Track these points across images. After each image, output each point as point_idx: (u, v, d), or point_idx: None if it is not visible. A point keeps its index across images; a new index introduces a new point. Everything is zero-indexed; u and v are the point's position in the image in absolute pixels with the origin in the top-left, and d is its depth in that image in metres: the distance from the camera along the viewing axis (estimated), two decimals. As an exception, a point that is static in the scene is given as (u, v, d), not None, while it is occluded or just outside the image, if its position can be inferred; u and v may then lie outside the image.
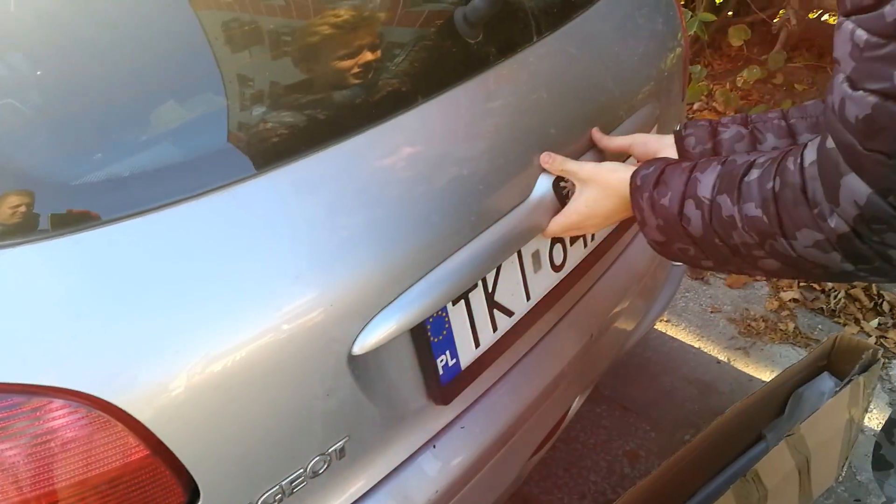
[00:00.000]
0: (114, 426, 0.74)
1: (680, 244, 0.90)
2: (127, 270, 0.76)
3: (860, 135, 0.65)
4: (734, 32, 3.24)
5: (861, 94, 0.63)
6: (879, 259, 0.71)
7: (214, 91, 0.91)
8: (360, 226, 0.90)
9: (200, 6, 0.94)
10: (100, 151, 0.81)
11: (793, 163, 0.76)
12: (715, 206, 0.84)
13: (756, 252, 0.82)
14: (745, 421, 1.76)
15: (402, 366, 1.00)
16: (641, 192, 0.94)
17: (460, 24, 1.07)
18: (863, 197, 0.67)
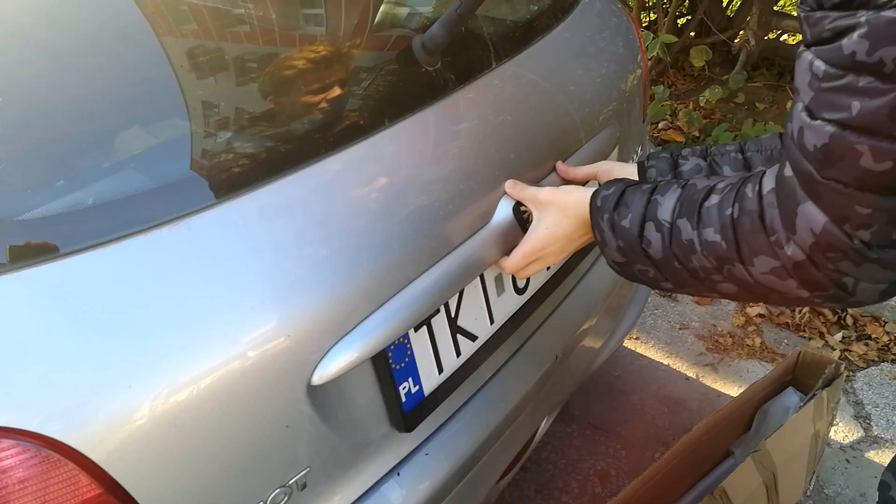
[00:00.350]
0: (65, 465, 0.73)
1: (640, 266, 0.91)
2: (77, 305, 0.75)
3: (818, 163, 0.66)
4: (696, 53, 3.30)
5: (819, 124, 0.64)
6: (834, 287, 0.72)
7: (172, 120, 0.90)
8: (318, 254, 0.90)
9: (159, 33, 0.94)
10: (55, 183, 0.80)
11: (751, 190, 0.77)
12: (675, 229, 0.84)
13: (714, 276, 0.82)
14: (713, 438, 1.77)
15: (364, 394, 1.00)
16: (602, 213, 0.94)
17: (419, 52, 1.07)
18: (819, 225, 0.68)
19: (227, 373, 0.81)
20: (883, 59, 0.57)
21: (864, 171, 0.62)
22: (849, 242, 0.67)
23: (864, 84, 0.59)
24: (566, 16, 1.42)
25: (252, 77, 0.99)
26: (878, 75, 0.58)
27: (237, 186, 0.87)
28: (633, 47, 1.59)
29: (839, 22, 0.60)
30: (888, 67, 0.57)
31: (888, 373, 2.35)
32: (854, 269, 0.69)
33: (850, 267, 0.69)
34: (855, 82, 0.60)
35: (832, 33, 0.61)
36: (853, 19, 0.58)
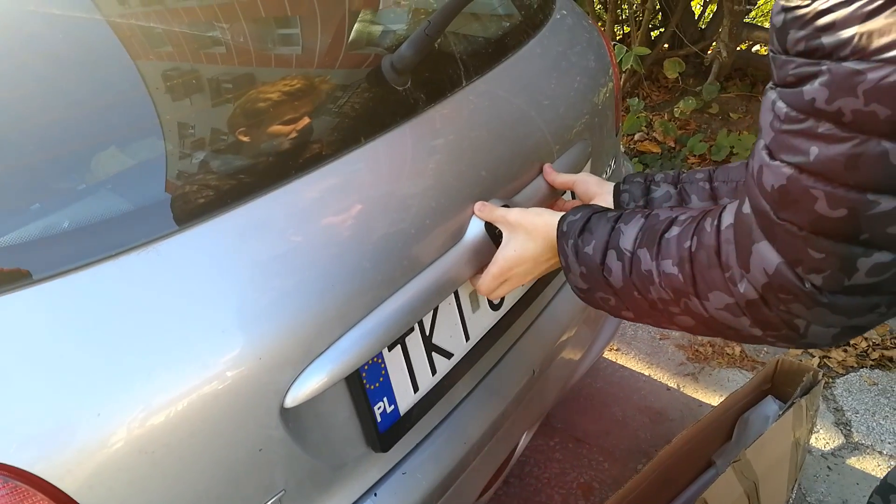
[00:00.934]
0: (34, 496, 0.72)
1: (601, 293, 0.91)
2: (43, 333, 0.75)
3: (774, 203, 0.66)
4: (669, 65, 3.34)
5: (778, 164, 0.64)
6: (786, 327, 0.72)
7: (140, 145, 0.90)
8: (289, 276, 0.89)
9: (133, 56, 0.94)
10: (23, 209, 0.79)
11: (710, 224, 0.77)
12: (635, 258, 0.84)
13: (672, 308, 0.82)
14: (694, 448, 1.77)
15: (338, 415, 0.99)
16: (567, 238, 0.95)
17: (388, 72, 1.08)
18: (772, 266, 0.68)
19: (198, 397, 0.81)
20: (842, 109, 0.58)
21: (818, 215, 0.62)
22: (800, 286, 0.67)
23: (823, 130, 0.60)
24: (536, 32, 1.43)
25: (219, 101, 0.99)
26: (836, 123, 0.59)
27: (207, 210, 0.87)
28: (604, 62, 1.61)
29: (803, 69, 0.60)
30: (846, 117, 0.58)
31: (867, 378, 2.36)
32: (805, 311, 0.68)
33: (801, 309, 0.69)
34: (815, 128, 0.60)
35: (795, 78, 0.61)
36: (816, 67, 0.59)
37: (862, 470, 2.04)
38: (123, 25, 0.97)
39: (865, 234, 0.61)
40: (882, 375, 2.37)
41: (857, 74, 0.55)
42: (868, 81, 0.55)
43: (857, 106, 0.56)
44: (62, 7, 0.94)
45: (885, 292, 0.65)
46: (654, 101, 3.78)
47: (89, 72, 0.92)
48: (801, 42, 0.59)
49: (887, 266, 0.62)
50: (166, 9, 1.04)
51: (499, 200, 1.15)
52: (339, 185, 0.99)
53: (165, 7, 1.04)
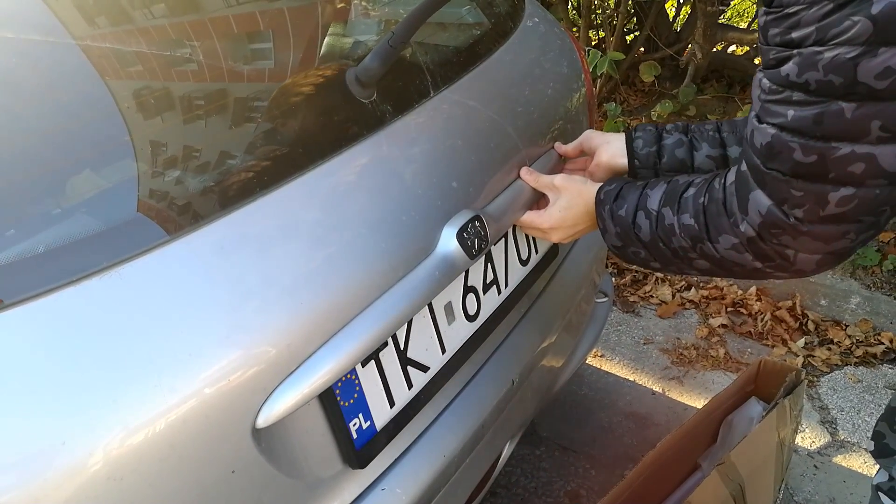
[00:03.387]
0: (-2, 529, 0.70)
1: (633, 248, 1.09)
2: (3, 359, 0.73)
3: (763, 157, 0.85)
4: (645, 69, 3.35)
5: (764, 127, 0.83)
6: (779, 258, 0.90)
7: (98, 170, 0.89)
8: (255, 295, 0.88)
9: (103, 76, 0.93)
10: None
11: (718, 182, 0.95)
12: (660, 216, 1.03)
13: (691, 254, 1.00)
14: (679, 452, 1.77)
15: (313, 434, 0.98)
16: (604, 204, 1.12)
17: (353, 85, 1.07)
18: (764, 207, 0.87)
19: (166, 422, 0.79)
20: (808, 80, 0.77)
21: (796, 162, 0.81)
22: (786, 220, 0.85)
23: (796, 98, 0.79)
24: (506, 39, 1.43)
25: (186, 118, 0.98)
26: (805, 91, 0.78)
27: (169, 232, 0.86)
28: (576, 67, 1.61)
29: (781, 54, 0.79)
30: (812, 86, 0.77)
31: (852, 376, 2.37)
32: (792, 241, 0.87)
33: (789, 240, 0.87)
34: (790, 97, 0.79)
35: (775, 62, 0.80)
36: (789, 52, 0.78)
37: (849, 468, 2.05)
38: (94, 48, 0.96)
39: (832, 173, 0.80)
40: (866, 372, 2.38)
41: (817, 55, 0.75)
42: (825, 59, 0.74)
43: (818, 77, 0.76)
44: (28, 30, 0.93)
45: (852, 220, 0.83)
46: (632, 105, 3.79)
47: (54, 94, 0.91)
48: (778, 36, 0.78)
49: (851, 198, 0.81)
50: (136, 27, 1.03)
51: (469, 212, 1.14)
52: (305, 201, 0.97)
53: (135, 26, 1.03)
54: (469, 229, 1.12)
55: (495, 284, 1.29)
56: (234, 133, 0.99)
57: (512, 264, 1.34)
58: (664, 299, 2.77)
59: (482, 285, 1.26)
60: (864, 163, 0.77)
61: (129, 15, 1.04)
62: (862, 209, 0.81)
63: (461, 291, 1.21)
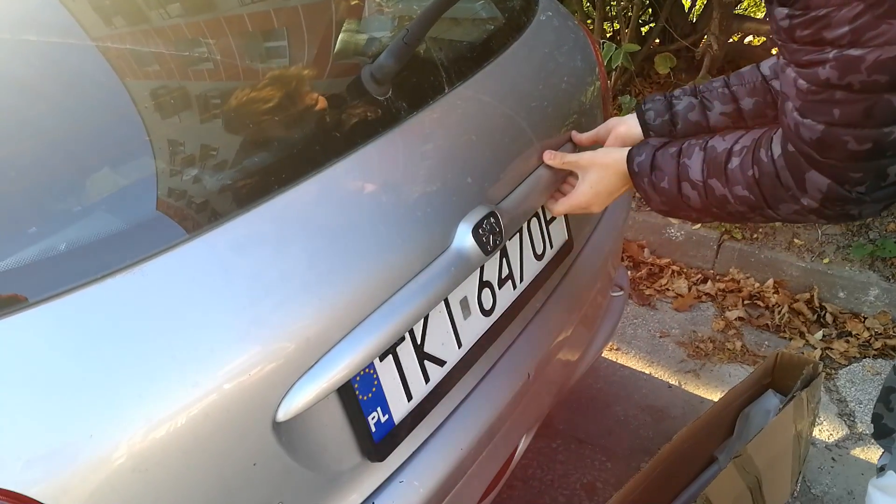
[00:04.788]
0: (29, 519, 0.72)
1: (683, 212, 1.12)
2: (32, 357, 0.75)
3: (815, 149, 0.86)
4: (660, 61, 3.33)
5: (811, 122, 0.84)
6: (845, 217, 0.93)
7: (119, 169, 0.91)
8: (274, 291, 0.90)
9: (120, 76, 0.95)
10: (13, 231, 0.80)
11: (765, 154, 0.96)
12: (708, 187, 1.04)
13: (748, 215, 1.04)
14: (696, 445, 1.77)
15: (332, 427, 1.00)
16: (641, 177, 1.13)
17: (368, 83, 1.08)
18: (824, 186, 0.89)
19: (188, 416, 0.81)
20: (851, 83, 0.78)
21: (851, 151, 0.83)
22: (849, 195, 0.88)
23: (840, 97, 0.80)
24: (520, 34, 1.44)
25: (202, 118, 0.99)
26: (849, 91, 0.79)
27: (191, 229, 0.87)
28: (590, 61, 1.61)
29: (813, 56, 0.80)
30: (856, 87, 0.78)
31: (870, 368, 2.36)
32: (856, 207, 0.90)
33: (853, 208, 0.90)
34: (832, 96, 0.81)
35: (808, 62, 0.81)
36: (823, 55, 0.79)
37: (867, 460, 2.04)
38: (112, 49, 0.97)
39: (889, 151, 0.82)
40: (885, 365, 2.37)
41: (858, 59, 0.76)
42: (867, 62, 0.76)
43: (862, 78, 0.77)
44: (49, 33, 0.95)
45: None
46: (647, 97, 3.78)
47: (75, 93, 0.92)
48: (809, 36, 0.79)
49: None
50: (152, 27, 1.05)
51: (484, 208, 1.15)
52: (322, 198, 0.99)
53: (151, 26, 1.05)
54: (484, 225, 1.13)
55: (510, 279, 1.30)
56: (251, 132, 1.01)
57: (527, 258, 1.35)
58: (680, 292, 2.76)
59: (497, 280, 1.27)
60: None
61: (145, 15, 1.06)
62: None
63: (477, 286, 1.22)
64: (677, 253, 2.93)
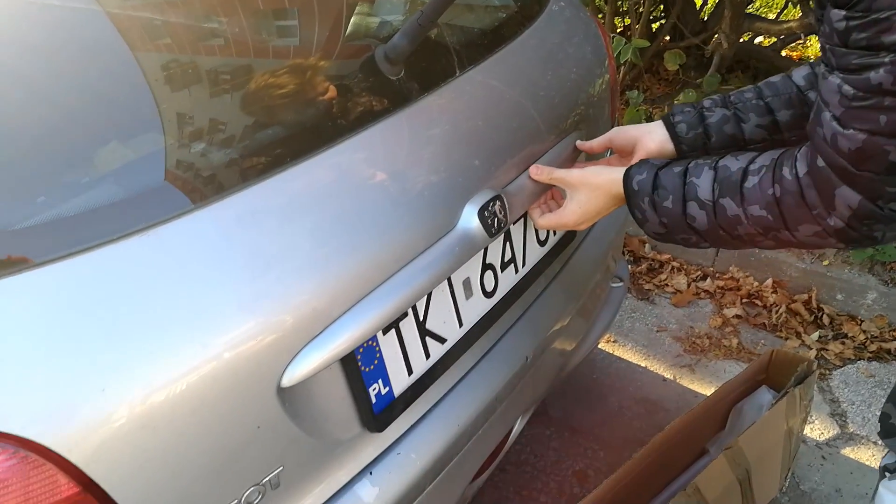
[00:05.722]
0: (43, 466, 0.75)
1: (683, 235, 1.08)
2: (50, 312, 0.78)
3: (853, 161, 0.84)
4: (669, 57, 3.34)
5: (851, 132, 0.82)
6: (868, 240, 0.91)
7: (140, 135, 0.93)
8: (285, 260, 0.92)
9: (132, 47, 0.96)
10: (28, 195, 0.82)
11: (789, 172, 0.93)
12: (719, 207, 1.01)
13: (758, 238, 1.00)
14: (688, 436, 1.80)
15: (334, 395, 1.02)
16: (641, 196, 1.09)
17: (381, 62, 1.10)
18: (855, 202, 0.86)
19: (197, 376, 0.84)
20: None
21: (891, 162, 0.81)
22: (881, 212, 0.86)
23: (889, 103, 0.78)
24: (531, 23, 1.46)
25: (214, 91, 1.01)
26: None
27: (205, 196, 0.90)
28: (600, 53, 1.63)
29: (865, 60, 0.78)
30: None
31: (864, 371, 2.38)
32: (885, 227, 0.88)
33: (881, 227, 0.88)
34: (881, 102, 0.79)
35: (858, 66, 0.79)
36: (878, 59, 0.77)
37: (856, 460, 2.07)
38: (123, 17, 0.99)
39: None
40: (879, 367, 2.39)
41: None
42: None
43: None
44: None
45: None
46: (655, 93, 3.79)
47: (91, 62, 0.94)
48: (864, 40, 0.77)
49: None
50: (165, 1, 1.07)
51: (490, 191, 1.17)
52: (333, 173, 1.01)
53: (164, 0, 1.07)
54: (490, 208, 1.15)
55: (513, 263, 1.33)
56: (267, 107, 1.03)
57: (530, 244, 1.38)
58: (679, 288, 2.79)
59: (500, 263, 1.30)
60: None
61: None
62: None
63: (479, 268, 1.25)
64: (678, 249, 2.95)
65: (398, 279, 1.04)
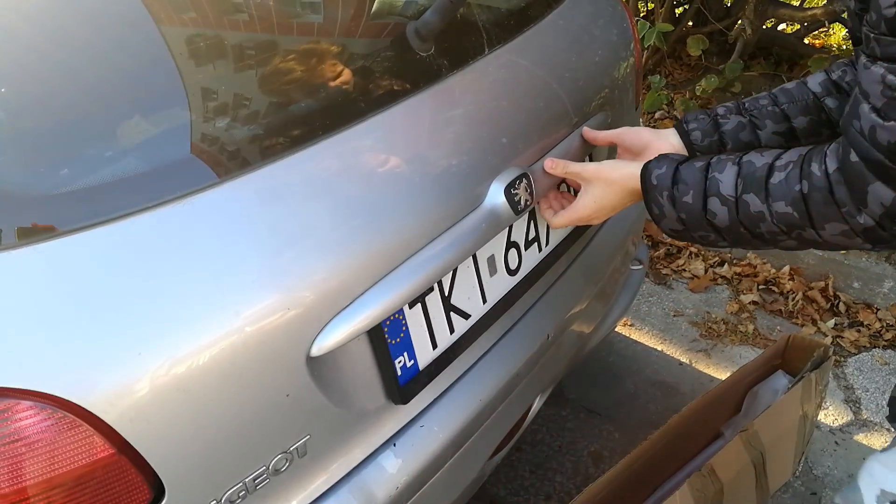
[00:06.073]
0: (80, 426, 0.77)
1: (701, 232, 1.05)
2: (90, 278, 0.80)
3: (891, 154, 0.81)
4: (692, 42, 3.34)
5: (892, 124, 0.80)
6: (894, 239, 0.88)
7: (173, 107, 0.94)
8: (315, 232, 0.94)
9: (159, 21, 0.97)
10: (58, 165, 0.84)
11: (818, 168, 0.91)
12: (741, 202, 0.98)
13: (780, 237, 0.98)
14: (703, 419, 1.81)
15: (361, 366, 1.04)
16: (660, 190, 1.06)
17: (412, 38, 1.11)
18: (888, 199, 0.84)
19: (229, 343, 0.86)
20: None
21: None
22: None
23: None
24: (559, 4, 1.46)
25: (249, 64, 1.03)
26: None
27: (238, 168, 0.91)
28: (626, 36, 1.63)
29: None
30: None
31: (879, 358, 2.39)
32: None
33: None
34: None
35: None
36: None
37: (869, 446, 2.08)
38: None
39: None
40: (894, 356, 2.40)
41: None
42: None
43: None
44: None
45: None
46: (676, 79, 3.78)
47: (127, 36, 0.95)
48: None
49: None
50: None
51: (517, 169, 1.19)
52: (364, 147, 1.03)
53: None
54: (516, 185, 1.16)
55: (537, 242, 1.34)
56: (305, 81, 1.04)
57: (553, 224, 1.39)
58: (696, 273, 2.79)
59: (524, 241, 1.31)
60: None
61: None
62: None
63: (504, 246, 1.26)
64: (696, 235, 2.95)
65: (425, 254, 1.06)
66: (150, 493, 0.84)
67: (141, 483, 0.83)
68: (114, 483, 0.81)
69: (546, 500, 1.94)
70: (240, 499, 0.92)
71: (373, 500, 1.07)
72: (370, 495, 1.07)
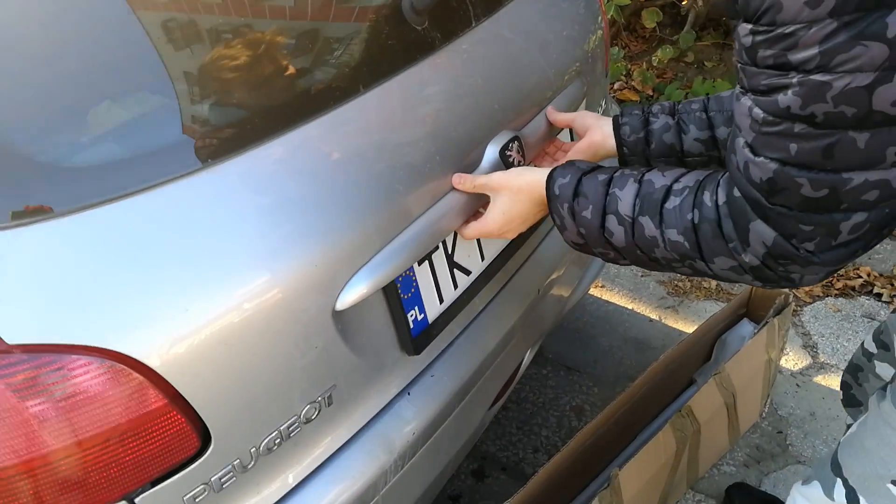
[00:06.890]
0: (135, 379, 0.83)
1: (600, 249, 1.00)
2: (139, 240, 0.86)
3: (765, 192, 0.78)
4: (647, 15, 3.44)
5: (763, 160, 0.76)
6: (784, 280, 0.85)
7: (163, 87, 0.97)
8: (337, 197, 1.01)
9: (140, 6, 0.99)
10: (117, 133, 0.90)
11: (709, 199, 0.86)
12: (637, 224, 0.93)
13: (675, 264, 0.93)
14: (677, 368, 1.93)
15: (379, 320, 1.12)
16: (561, 201, 1.01)
17: (408, 12, 1.18)
18: (770, 239, 0.80)
19: (267, 299, 0.92)
20: (814, 113, 0.70)
21: (804, 197, 0.75)
22: (796, 252, 0.79)
23: (799, 130, 0.72)
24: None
25: (249, 39, 1.08)
26: (810, 124, 0.71)
27: (260, 136, 0.98)
28: (594, 8, 1.72)
29: (774, 80, 0.72)
30: (818, 118, 0.70)
31: (832, 306, 2.54)
32: (801, 269, 0.82)
33: (797, 268, 0.82)
34: (791, 129, 0.73)
35: (767, 87, 0.73)
36: (786, 79, 0.70)
37: (827, 386, 2.23)
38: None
39: (844, 204, 0.74)
40: (845, 303, 2.55)
41: (825, 85, 0.68)
42: (835, 89, 0.67)
43: (827, 109, 0.69)
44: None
45: (862, 240, 0.78)
46: (633, 50, 3.89)
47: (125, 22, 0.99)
48: (770, 58, 0.71)
49: (863, 223, 0.76)
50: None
51: (510, 132, 1.27)
52: (372, 116, 1.10)
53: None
54: (509, 147, 1.25)
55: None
56: (308, 54, 1.10)
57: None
58: (660, 236, 2.91)
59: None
60: (879, 189, 0.73)
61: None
62: (873, 230, 0.77)
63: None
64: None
65: (430, 215, 1.13)
66: (198, 442, 0.90)
67: (190, 432, 0.89)
68: (166, 432, 0.87)
69: (534, 452, 2.05)
70: (276, 446, 0.99)
71: (392, 446, 1.15)
72: (389, 441, 1.15)
